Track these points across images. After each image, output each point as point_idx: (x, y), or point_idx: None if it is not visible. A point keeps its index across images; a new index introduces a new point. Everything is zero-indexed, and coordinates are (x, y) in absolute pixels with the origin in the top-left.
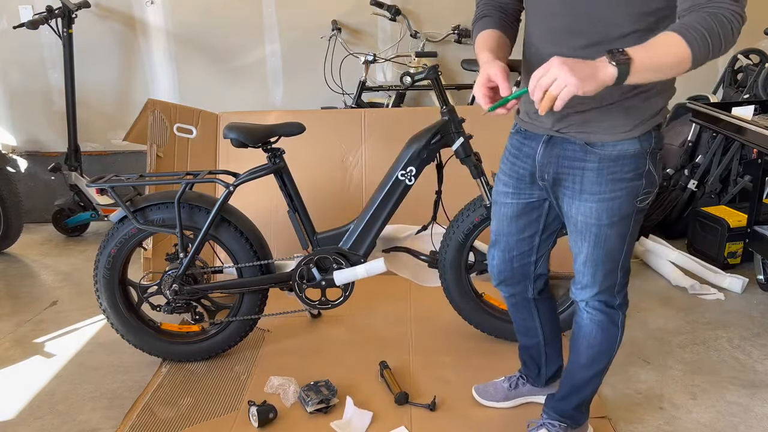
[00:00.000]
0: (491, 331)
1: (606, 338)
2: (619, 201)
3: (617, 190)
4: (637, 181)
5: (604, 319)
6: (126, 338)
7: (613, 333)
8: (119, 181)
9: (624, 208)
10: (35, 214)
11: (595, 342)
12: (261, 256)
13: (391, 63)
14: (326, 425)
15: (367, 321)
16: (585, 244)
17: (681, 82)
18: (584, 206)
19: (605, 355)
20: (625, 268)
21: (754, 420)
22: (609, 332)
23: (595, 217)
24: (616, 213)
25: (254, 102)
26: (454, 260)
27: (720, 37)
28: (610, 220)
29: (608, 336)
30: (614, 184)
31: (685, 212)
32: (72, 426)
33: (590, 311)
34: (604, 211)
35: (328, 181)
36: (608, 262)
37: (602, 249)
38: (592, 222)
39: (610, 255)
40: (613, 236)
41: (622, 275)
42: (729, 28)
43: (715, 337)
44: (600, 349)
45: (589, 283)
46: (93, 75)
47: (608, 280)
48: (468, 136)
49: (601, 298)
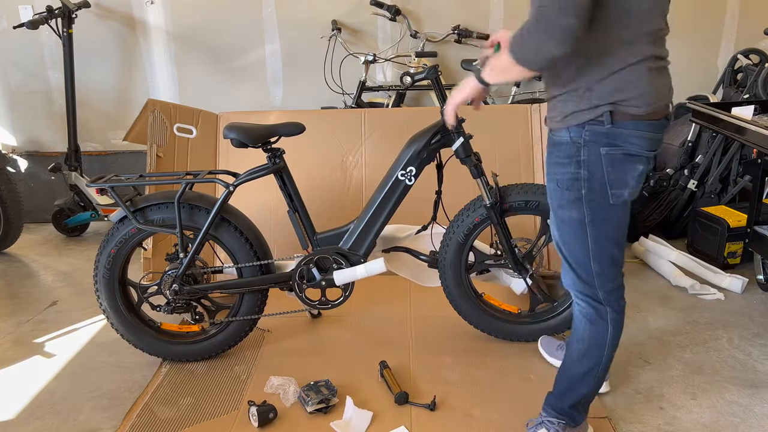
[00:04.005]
0: (491, 331)
1: (595, 333)
2: (560, 183)
3: (557, 174)
4: (574, 168)
5: (592, 313)
6: (126, 338)
7: (601, 328)
8: (119, 181)
9: (568, 193)
10: (35, 214)
11: (584, 336)
12: (261, 256)
13: (391, 63)
14: (326, 425)
15: (367, 321)
16: (553, 226)
17: (681, 83)
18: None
19: (595, 351)
20: (601, 263)
21: (754, 420)
22: (597, 327)
23: (549, 197)
24: (563, 197)
25: (254, 102)
26: (454, 260)
27: (532, 32)
28: (558, 203)
29: (597, 331)
30: (554, 167)
31: (685, 212)
32: (72, 426)
33: (578, 303)
34: (552, 191)
35: (328, 181)
36: (578, 252)
37: (562, 234)
38: (550, 203)
39: (575, 243)
40: (568, 222)
41: (599, 270)
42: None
43: (715, 337)
44: (589, 344)
45: (566, 269)
46: (93, 75)
47: (583, 271)
48: (468, 136)
49: (583, 289)
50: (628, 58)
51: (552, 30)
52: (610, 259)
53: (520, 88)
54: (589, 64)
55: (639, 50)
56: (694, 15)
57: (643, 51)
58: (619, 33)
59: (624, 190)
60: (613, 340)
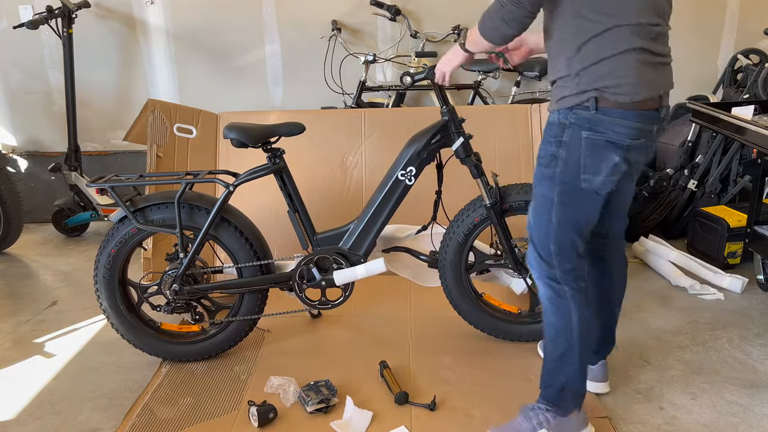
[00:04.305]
0: (491, 331)
1: (559, 314)
2: (541, 160)
3: (541, 151)
4: (555, 147)
5: (553, 294)
6: (126, 338)
7: (564, 309)
8: (119, 181)
9: (545, 170)
10: (35, 214)
11: (551, 319)
12: (261, 256)
13: (391, 63)
14: (326, 425)
15: (367, 321)
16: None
17: (681, 82)
18: None
19: (563, 335)
20: (560, 245)
21: (754, 420)
22: (560, 309)
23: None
24: (540, 173)
25: (254, 102)
26: (454, 260)
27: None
28: (536, 180)
29: (561, 312)
30: (542, 145)
31: (685, 212)
32: (72, 426)
33: (541, 287)
34: (537, 167)
35: (328, 181)
36: (540, 230)
37: (532, 211)
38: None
39: (540, 221)
40: (539, 199)
41: (557, 251)
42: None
43: (715, 337)
44: (557, 327)
45: (530, 248)
46: (93, 75)
47: (543, 250)
48: (468, 136)
49: (543, 270)
50: (614, 48)
51: (505, 15)
52: (570, 244)
53: (520, 88)
54: (578, 52)
55: (625, 40)
56: (694, 15)
57: (629, 42)
58: (600, 20)
59: (596, 176)
60: (580, 321)
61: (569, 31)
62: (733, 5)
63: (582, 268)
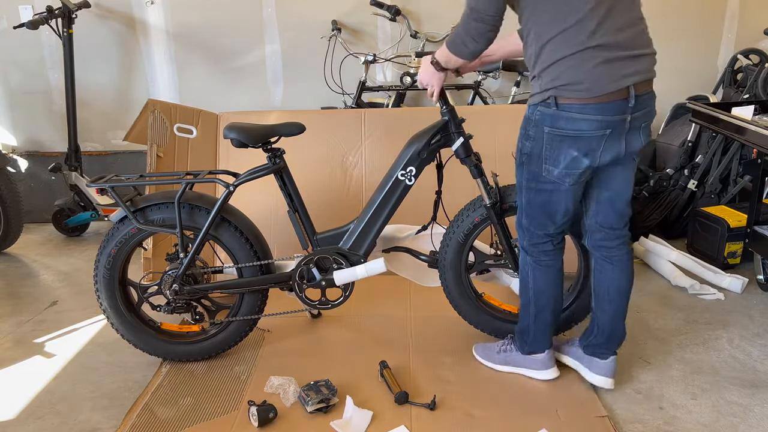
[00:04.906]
0: (491, 331)
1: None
2: (518, 150)
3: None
4: (524, 139)
5: (521, 259)
6: (126, 338)
7: (525, 273)
8: (119, 181)
9: (518, 158)
10: (35, 214)
11: (521, 275)
12: (261, 256)
13: (391, 63)
14: (326, 425)
15: (367, 321)
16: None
17: (681, 82)
18: None
19: (524, 290)
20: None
21: (754, 420)
22: (523, 270)
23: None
24: (518, 161)
25: (254, 102)
26: (454, 260)
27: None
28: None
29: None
30: (519, 138)
31: (685, 212)
32: (72, 426)
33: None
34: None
35: (328, 181)
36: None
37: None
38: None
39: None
40: (518, 182)
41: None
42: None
43: (715, 337)
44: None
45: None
46: (93, 75)
47: (518, 222)
48: (468, 136)
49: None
50: (568, 48)
51: (472, 32)
52: (537, 224)
53: (520, 88)
54: (539, 56)
55: (579, 41)
56: (694, 15)
57: (584, 42)
58: (554, 24)
59: (555, 168)
60: (536, 285)
61: (531, 36)
62: (733, 5)
63: (549, 248)
